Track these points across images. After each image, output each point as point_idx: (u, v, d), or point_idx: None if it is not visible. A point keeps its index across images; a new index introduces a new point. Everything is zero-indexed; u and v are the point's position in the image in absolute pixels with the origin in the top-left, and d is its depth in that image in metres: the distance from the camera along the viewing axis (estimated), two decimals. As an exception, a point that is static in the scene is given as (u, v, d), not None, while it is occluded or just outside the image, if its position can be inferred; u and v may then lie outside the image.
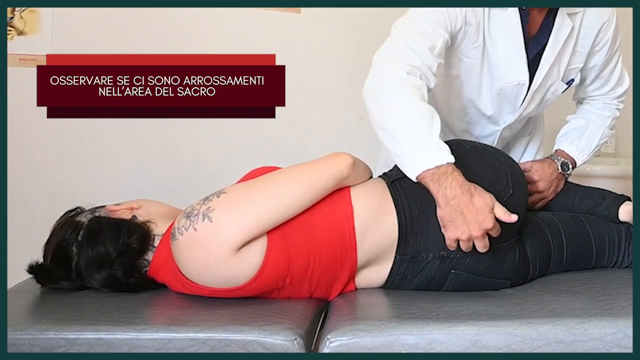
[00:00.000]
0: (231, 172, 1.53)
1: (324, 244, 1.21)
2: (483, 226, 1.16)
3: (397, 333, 1.04)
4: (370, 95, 1.31)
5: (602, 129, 1.62)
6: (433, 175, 1.19)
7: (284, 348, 1.04)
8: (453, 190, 1.17)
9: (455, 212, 1.17)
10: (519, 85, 1.50)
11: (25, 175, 2.31)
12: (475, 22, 1.41)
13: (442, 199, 1.18)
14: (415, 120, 1.23)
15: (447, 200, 1.18)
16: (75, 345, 1.04)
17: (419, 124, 1.23)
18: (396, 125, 1.24)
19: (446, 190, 1.18)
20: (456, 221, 1.18)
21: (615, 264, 1.43)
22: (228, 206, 1.16)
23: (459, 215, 1.17)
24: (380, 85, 1.30)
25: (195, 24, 2.37)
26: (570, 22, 1.45)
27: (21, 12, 2.27)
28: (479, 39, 1.44)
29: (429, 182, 1.19)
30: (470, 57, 1.47)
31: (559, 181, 1.54)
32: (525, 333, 1.04)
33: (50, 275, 1.26)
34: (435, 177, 1.19)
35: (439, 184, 1.18)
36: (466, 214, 1.17)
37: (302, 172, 1.24)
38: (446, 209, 1.18)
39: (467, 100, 1.57)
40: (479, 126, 1.64)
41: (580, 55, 1.52)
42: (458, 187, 1.17)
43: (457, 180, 1.18)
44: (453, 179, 1.18)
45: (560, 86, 1.55)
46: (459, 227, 1.18)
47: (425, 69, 1.33)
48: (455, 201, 1.17)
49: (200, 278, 1.17)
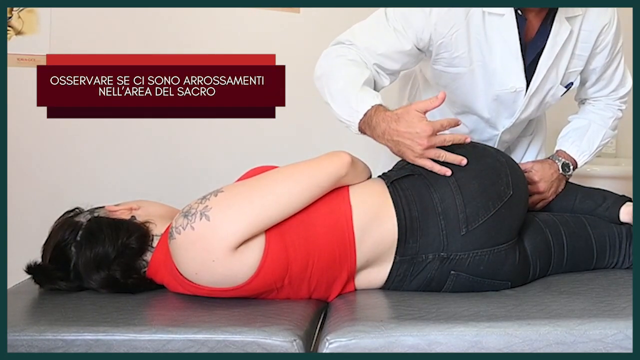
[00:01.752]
0: (231, 172, 1.53)
1: (322, 243, 1.21)
2: (421, 138, 1.22)
3: (397, 334, 1.04)
4: (316, 80, 1.45)
5: (603, 129, 1.62)
6: (364, 124, 1.30)
7: (283, 349, 1.04)
8: (380, 126, 1.27)
9: (395, 143, 1.26)
10: (516, 92, 1.49)
11: (24, 175, 2.31)
12: (450, 33, 1.41)
13: (380, 139, 1.29)
14: (343, 82, 1.35)
15: (382, 138, 1.27)
16: (73, 347, 1.04)
17: (346, 85, 1.34)
18: (331, 94, 1.39)
19: (376, 130, 1.28)
20: (401, 150, 1.26)
21: (616, 265, 1.43)
22: (226, 205, 1.16)
23: (399, 144, 1.25)
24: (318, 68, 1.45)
25: (195, 24, 2.36)
26: (568, 26, 1.44)
27: (19, 11, 2.27)
28: (460, 48, 1.43)
29: (366, 131, 1.31)
30: (454, 66, 1.47)
31: (559, 182, 1.54)
32: (525, 334, 1.04)
33: (48, 275, 1.26)
34: (366, 124, 1.30)
35: (371, 129, 1.29)
36: (402, 140, 1.24)
37: (300, 170, 1.24)
38: (388, 144, 1.27)
39: (464, 106, 1.58)
40: (477, 131, 1.64)
41: (580, 58, 1.51)
42: (382, 122, 1.27)
43: (380, 116, 1.27)
44: (376, 117, 1.28)
45: (559, 90, 1.54)
46: (406, 153, 1.26)
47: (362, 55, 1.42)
48: (387, 135, 1.26)
49: (199, 277, 1.17)
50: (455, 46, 1.43)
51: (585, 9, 1.45)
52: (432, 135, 1.23)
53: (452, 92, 1.54)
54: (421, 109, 1.24)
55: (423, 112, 1.24)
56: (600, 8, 1.47)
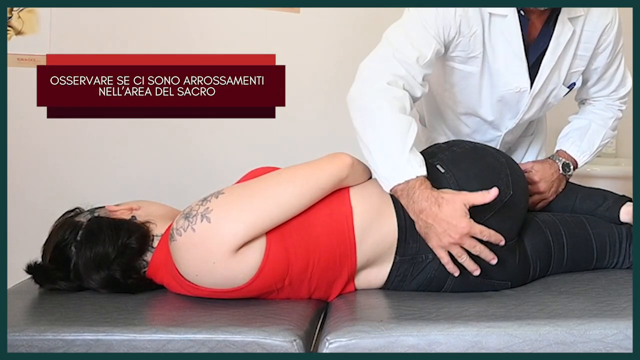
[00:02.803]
0: (231, 172, 1.53)
1: (323, 244, 1.21)
2: (456, 232, 1.17)
3: (397, 334, 1.04)
4: (351, 105, 1.34)
5: (604, 129, 1.61)
6: (402, 190, 1.22)
7: (283, 349, 1.03)
8: (420, 204, 1.20)
9: (427, 224, 1.20)
10: (520, 92, 1.49)
11: (24, 175, 2.31)
12: (470, 33, 1.40)
13: (412, 214, 1.22)
14: (388, 135, 1.26)
15: (417, 215, 1.21)
16: (73, 346, 1.04)
17: (392, 138, 1.25)
18: (372, 140, 1.27)
19: (414, 205, 1.21)
20: (429, 234, 1.20)
21: (616, 265, 1.43)
22: (226, 207, 1.16)
23: (431, 227, 1.19)
24: (362, 96, 1.32)
25: (195, 23, 2.36)
26: (571, 27, 1.44)
27: (19, 11, 2.27)
28: (476, 49, 1.43)
29: (400, 197, 1.23)
30: (469, 65, 1.46)
31: (559, 182, 1.54)
32: (525, 334, 1.04)
33: (48, 275, 1.26)
34: (405, 192, 1.22)
35: (407, 199, 1.22)
36: (435, 226, 1.19)
37: (301, 172, 1.24)
38: (419, 222, 1.21)
39: (468, 107, 1.57)
40: (480, 131, 1.64)
41: (582, 58, 1.51)
42: (424, 201, 1.20)
43: (424, 193, 1.20)
44: (420, 192, 1.20)
45: (561, 90, 1.54)
46: (432, 239, 1.20)
47: (409, 79, 1.34)
48: (423, 215, 1.20)
49: (199, 279, 1.17)
50: (473, 46, 1.42)
51: (587, 10, 1.45)
52: (466, 235, 1.18)
53: (460, 92, 1.54)
54: (469, 202, 1.19)
55: (469, 206, 1.19)
56: (602, 8, 1.47)
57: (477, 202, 1.19)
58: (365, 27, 2.34)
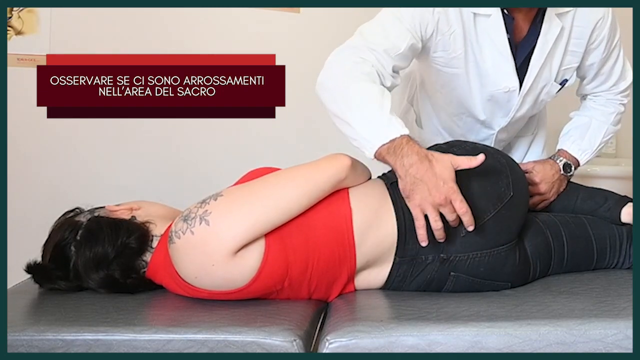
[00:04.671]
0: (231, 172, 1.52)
1: (322, 245, 1.21)
2: (443, 192, 1.16)
3: (397, 334, 1.04)
4: (321, 88, 1.32)
5: (605, 125, 1.60)
6: (389, 149, 1.20)
7: (283, 349, 1.03)
8: (410, 158, 1.18)
9: (415, 180, 1.18)
10: (509, 91, 1.49)
11: (24, 175, 2.31)
12: (449, 32, 1.40)
13: (400, 169, 1.19)
14: (364, 101, 1.24)
15: (406, 169, 1.18)
16: (73, 347, 1.04)
17: (369, 104, 1.24)
18: (347, 110, 1.25)
19: (403, 160, 1.18)
20: (417, 188, 1.18)
21: (616, 265, 1.43)
22: (225, 209, 1.16)
23: (419, 182, 1.17)
24: (329, 79, 1.32)
25: (195, 24, 2.36)
26: (559, 23, 1.43)
27: (19, 11, 2.27)
28: (457, 49, 1.42)
29: (386, 156, 1.20)
30: (451, 67, 1.46)
31: (560, 182, 1.53)
32: (525, 334, 1.04)
33: (48, 275, 1.26)
34: (391, 150, 1.20)
35: (395, 156, 1.19)
36: (426, 180, 1.17)
37: (300, 174, 1.24)
38: (406, 178, 1.19)
39: (460, 107, 1.57)
40: (473, 131, 1.64)
41: (574, 55, 1.50)
42: (414, 155, 1.18)
43: (413, 148, 1.19)
44: (409, 148, 1.19)
45: (553, 87, 1.53)
46: (420, 194, 1.18)
47: (378, 65, 1.33)
48: (413, 168, 1.18)
49: (198, 281, 1.17)
50: (453, 47, 1.42)
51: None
52: (448, 199, 1.17)
53: (449, 93, 1.54)
54: (456, 164, 1.19)
55: (456, 168, 1.19)
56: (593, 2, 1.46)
57: (464, 166, 1.19)
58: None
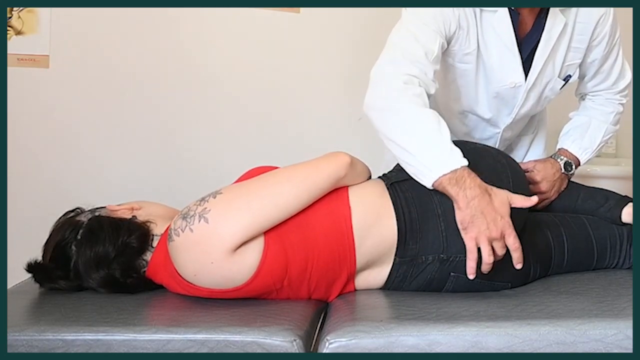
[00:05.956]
0: (230, 171, 1.52)
1: (321, 244, 1.21)
2: (501, 225, 1.18)
3: (397, 334, 1.04)
4: (372, 111, 1.33)
5: (605, 125, 1.60)
6: (450, 179, 1.21)
7: (283, 349, 1.03)
8: (473, 190, 1.20)
9: (476, 212, 1.19)
10: (515, 87, 1.50)
11: (24, 175, 2.30)
12: (467, 27, 1.41)
13: (462, 201, 1.20)
14: (423, 128, 1.26)
15: (468, 202, 1.20)
16: (73, 347, 1.04)
17: (428, 131, 1.25)
18: (405, 136, 1.26)
19: (466, 192, 1.20)
20: (476, 221, 1.19)
21: (616, 266, 1.42)
22: (224, 207, 1.16)
23: (480, 216, 1.19)
24: (381, 100, 1.32)
25: (194, 23, 2.36)
26: (563, 18, 1.44)
27: (19, 11, 2.27)
28: (472, 45, 1.43)
29: (447, 186, 1.21)
30: (464, 62, 1.47)
31: (561, 181, 1.53)
32: (525, 334, 1.03)
33: (48, 274, 1.26)
34: (453, 181, 1.21)
35: (458, 187, 1.21)
36: (486, 214, 1.19)
37: (299, 172, 1.24)
38: (467, 210, 1.20)
39: (465, 104, 1.57)
40: (479, 129, 1.64)
41: (577, 51, 1.51)
42: (477, 188, 1.20)
43: (475, 181, 1.21)
44: (471, 180, 1.21)
45: (557, 83, 1.54)
46: (479, 227, 1.19)
47: (422, 76, 1.34)
48: (475, 201, 1.19)
49: (198, 279, 1.17)
50: (468, 43, 1.43)
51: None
52: (501, 235, 1.19)
53: (457, 89, 1.54)
54: (512, 200, 1.21)
55: (512, 205, 1.21)
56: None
57: (518, 205, 1.22)
58: (365, 26, 2.34)
